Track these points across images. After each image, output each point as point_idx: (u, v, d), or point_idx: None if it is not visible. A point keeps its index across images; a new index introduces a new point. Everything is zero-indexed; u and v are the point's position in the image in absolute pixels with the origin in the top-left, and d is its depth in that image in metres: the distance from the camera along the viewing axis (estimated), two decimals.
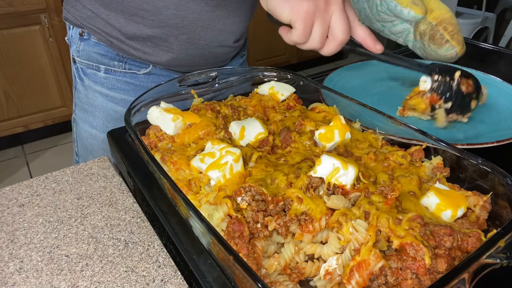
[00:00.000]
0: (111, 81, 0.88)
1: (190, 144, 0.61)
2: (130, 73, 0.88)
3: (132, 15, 0.78)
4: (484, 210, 0.48)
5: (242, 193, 0.48)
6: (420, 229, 0.42)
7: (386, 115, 0.62)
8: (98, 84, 0.88)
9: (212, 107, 0.68)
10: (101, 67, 0.87)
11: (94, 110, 0.90)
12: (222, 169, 0.51)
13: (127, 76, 0.88)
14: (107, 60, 0.86)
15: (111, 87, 0.88)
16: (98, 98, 0.89)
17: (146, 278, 0.49)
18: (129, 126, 0.59)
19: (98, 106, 0.90)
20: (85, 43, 0.87)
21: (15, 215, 0.59)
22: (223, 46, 0.88)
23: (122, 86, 0.88)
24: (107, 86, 0.88)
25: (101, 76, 0.88)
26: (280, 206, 0.47)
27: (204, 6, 0.79)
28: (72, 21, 0.87)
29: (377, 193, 0.48)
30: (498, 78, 0.90)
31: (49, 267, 0.50)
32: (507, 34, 3.24)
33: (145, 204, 0.60)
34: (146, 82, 0.89)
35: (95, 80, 0.88)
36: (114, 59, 0.86)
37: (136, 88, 0.89)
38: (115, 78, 0.88)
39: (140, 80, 0.89)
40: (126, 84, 0.88)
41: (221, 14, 0.82)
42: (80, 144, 0.96)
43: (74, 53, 0.90)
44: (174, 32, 0.81)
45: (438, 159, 0.56)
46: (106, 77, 0.88)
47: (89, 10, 0.82)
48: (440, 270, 0.39)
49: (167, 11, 0.77)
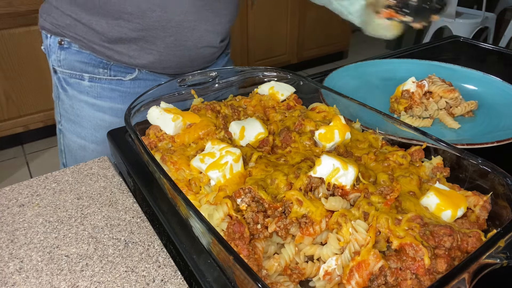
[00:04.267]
0: (97, 90, 0.85)
1: (190, 144, 0.61)
2: (116, 80, 0.85)
3: (116, 19, 0.76)
4: (484, 210, 0.48)
5: (242, 194, 0.48)
6: (419, 229, 0.42)
7: (386, 115, 0.62)
8: (83, 94, 0.85)
9: (212, 107, 0.68)
10: (85, 75, 0.84)
11: (82, 121, 0.87)
12: (222, 169, 0.51)
13: (113, 83, 0.85)
14: (91, 68, 0.83)
15: (97, 95, 0.85)
16: (85, 108, 0.86)
17: (146, 278, 0.49)
18: (129, 126, 0.59)
19: (85, 116, 0.87)
20: (65, 51, 0.83)
21: (15, 215, 0.59)
22: (209, 46, 0.87)
23: (108, 94, 0.86)
24: (92, 95, 0.85)
25: (85, 85, 0.84)
26: (279, 211, 0.47)
27: (191, 7, 0.78)
28: (50, 30, 0.84)
29: (377, 194, 0.48)
30: (498, 78, 0.90)
31: (49, 267, 0.50)
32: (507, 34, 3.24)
33: (145, 204, 0.60)
34: (133, 88, 0.87)
35: (80, 89, 0.85)
36: (98, 66, 0.83)
37: (123, 95, 0.86)
38: (100, 86, 0.85)
39: (126, 87, 0.86)
40: (113, 92, 0.86)
41: (207, 15, 0.81)
42: (69, 156, 0.93)
43: (54, 63, 0.86)
44: (160, 34, 0.79)
45: (438, 159, 0.56)
46: (91, 86, 0.84)
47: (68, 17, 0.79)
48: (440, 270, 0.39)
49: (152, 14, 0.76)
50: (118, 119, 0.86)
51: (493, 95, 0.88)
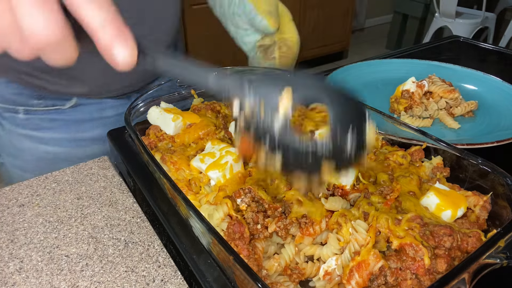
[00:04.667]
0: (34, 122, 0.77)
1: (190, 144, 0.61)
2: (54, 109, 0.77)
3: None
4: (484, 210, 0.48)
5: (242, 194, 0.48)
6: (419, 230, 0.42)
7: (386, 115, 0.62)
8: (20, 127, 0.77)
9: (212, 107, 0.68)
10: (18, 108, 0.75)
11: (23, 155, 0.80)
12: (222, 169, 0.51)
13: (52, 113, 0.77)
14: (24, 100, 0.74)
15: (36, 128, 0.77)
16: (24, 141, 0.78)
17: (146, 278, 0.49)
18: (129, 126, 0.59)
19: (26, 149, 0.79)
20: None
21: (15, 215, 0.59)
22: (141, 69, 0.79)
23: (48, 125, 0.77)
24: (31, 128, 0.77)
25: (21, 118, 0.76)
26: (279, 211, 0.47)
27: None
28: None
29: (377, 194, 0.48)
30: (498, 78, 0.90)
31: (49, 267, 0.50)
32: (507, 34, 3.24)
33: (145, 204, 0.60)
34: (76, 115, 0.79)
35: (16, 123, 0.77)
36: (32, 97, 0.74)
37: (66, 123, 0.78)
38: (38, 118, 0.76)
39: (68, 115, 0.78)
40: (53, 122, 0.78)
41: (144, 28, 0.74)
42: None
43: None
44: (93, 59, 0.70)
45: (438, 159, 0.56)
46: (27, 118, 0.76)
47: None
48: (440, 270, 0.39)
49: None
50: (64, 149, 0.80)
51: (493, 95, 0.88)
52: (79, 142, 0.81)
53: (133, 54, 0.32)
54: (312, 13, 3.48)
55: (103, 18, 0.31)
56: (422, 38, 3.78)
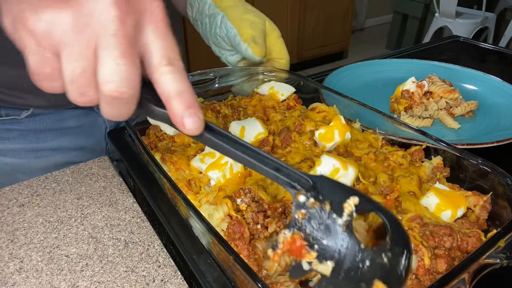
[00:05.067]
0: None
1: (190, 144, 0.61)
2: (9, 119, 0.73)
3: None
4: (484, 210, 0.48)
5: (242, 195, 0.48)
6: (419, 230, 0.42)
7: (386, 115, 0.62)
8: None
9: (212, 107, 0.68)
10: None
11: None
12: (222, 169, 0.51)
13: (7, 123, 0.73)
14: None
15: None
16: None
17: (146, 278, 0.49)
18: (128, 126, 0.58)
19: None
20: None
21: (15, 215, 0.59)
22: None
23: (4, 135, 0.74)
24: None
25: None
26: (278, 212, 0.47)
27: None
28: None
29: (377, 194, 0.48)
30: (498, 78, 0.90)
31: (49, 267, 0.50)
32: (507, 34, 3.24)
33: (145, 204, 0.60)
34: (33, 125, 0.75)
35: None
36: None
37: (22, 133, 0.75)
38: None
39: (25, 125, 0.75)
40: (9, 132, 0.74)
41: None
42: None
43: None
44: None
45: (438, 159, 0.56)
46: None
47: None
48: (439, 271, 0.39)
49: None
50: (22, 160, 0.76)
51: (493, 95, 0.88)
52: (38, 153, 0.77)
53: (200, 126, 0.33)
54: (312, 13, 3.48)
55: (180, 88, 0.32)
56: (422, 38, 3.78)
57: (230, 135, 0.35)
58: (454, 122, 0.80)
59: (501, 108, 0.83)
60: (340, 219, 0.32)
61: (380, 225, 0.34)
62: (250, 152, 0.35)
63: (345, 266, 0.31)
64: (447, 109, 0.84)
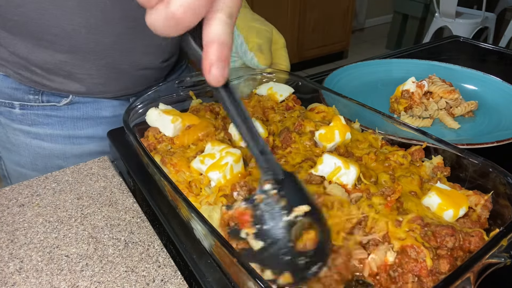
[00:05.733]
0: (30, 117, 0.77)
1: (190, 146, 0.60)
2: (49, 105, 0.77)
3: (39, 40, 0.67)
4: (486, 209, 0.48)
5: (237, 188, 0.48)
6: (420, 230, 0.42)
7: (386, 115, 0.61)
8: (16, 122, 0.78)
9: (211, 108, 0.68)
10: (15, 103, 0.76)
11: (19, 149, 0.80)
12: (223, 170, 0.51)
13: (47, 109, 0.77)
14: (20, 95, 0.75)
15: (32, 123, 0.78)
16: (20, 136, 0.79)
17: (146, 278, 0.49)
18: (127, 128, 0.58)
19: (21, 144, 0.79)
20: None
21: (15, 215, 0.58)
22: (149, 68, 0.79)
23: (44, 120, 0.78)
24: (26, 123, 0.78)
25: (17, 113, 0.77)
26: None
27: (121, 29, 0.69)
28: None
29: (378, 195, 0.48)
30: (498, 78, 0.90)
31: (49, 267, 0.50)
32: (507, 34, 3.24)
33: (145, 204, 0.60)
34: (71, 112, 0.79)
35: (12, 118, 0.78)
36: (28, 92, 0.75)
37: (61, 120, 0.79)
38: (33, 113, 0.77)
39: (63, 112, 0.79)
40: (48, 118, 0.78)
41: (141, 37, 0.73)
42: (14, 181, 0.83)
43: None
44: (89, 57, 0.71)
45: (438, 159, 0.56)
46: (23, 114, 0.77)
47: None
48: (442, 271, 0.39)
49: (78, 35, 0.67)
50: (59, 145, 0.80)
51: (493, 95, 0.88)
52: (74, 140, 0.81)
53: (222, 81, 0.35)
54: (312, 13, 3.48)
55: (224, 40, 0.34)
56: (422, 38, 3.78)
57: (241, 104, 0.38)
58: (454, 122, 0.80)
59: (501, 108, 0.83)
60: (286, 216, 0.38)
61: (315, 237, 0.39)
62: (248, 124, 0.39)
63: (271, 251, 0.37)
64: (447, 109, 0.84)
